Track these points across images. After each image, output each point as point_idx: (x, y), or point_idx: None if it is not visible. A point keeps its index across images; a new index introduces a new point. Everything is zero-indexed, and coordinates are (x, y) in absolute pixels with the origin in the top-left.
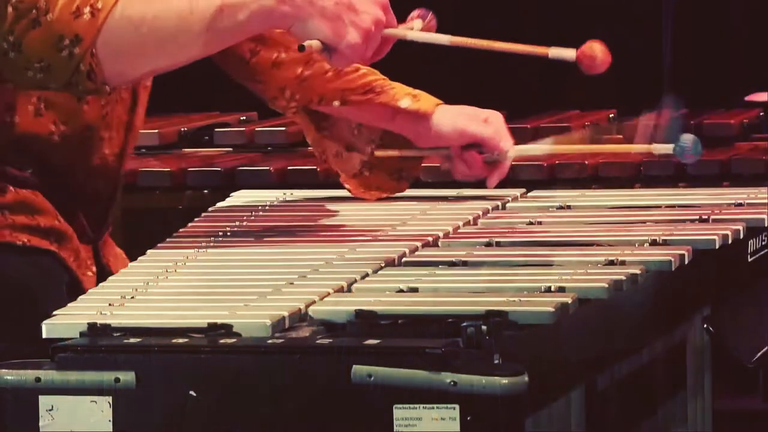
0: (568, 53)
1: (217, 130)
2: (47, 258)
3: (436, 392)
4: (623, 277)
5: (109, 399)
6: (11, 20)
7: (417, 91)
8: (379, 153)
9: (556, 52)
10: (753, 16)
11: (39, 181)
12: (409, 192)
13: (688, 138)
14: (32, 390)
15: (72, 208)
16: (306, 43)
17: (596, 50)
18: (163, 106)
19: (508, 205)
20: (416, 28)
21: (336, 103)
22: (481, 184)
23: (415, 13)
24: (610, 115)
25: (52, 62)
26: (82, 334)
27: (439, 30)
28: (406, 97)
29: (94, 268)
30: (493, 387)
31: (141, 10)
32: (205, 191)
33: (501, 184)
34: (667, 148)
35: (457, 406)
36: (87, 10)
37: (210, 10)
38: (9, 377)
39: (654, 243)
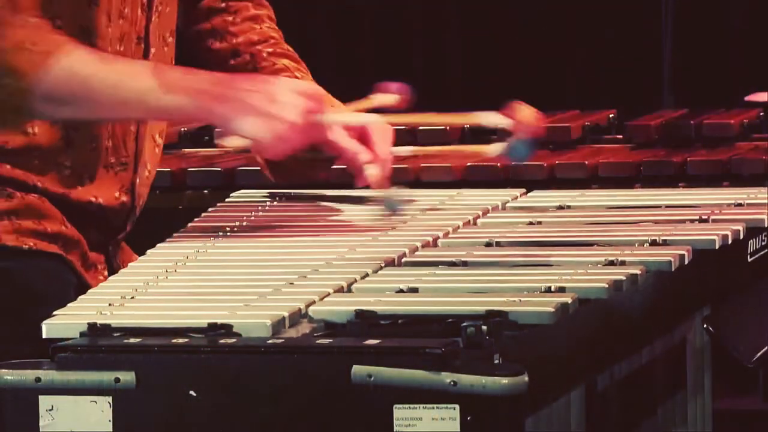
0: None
1: (217, 130)
2: (54, 262)
3: (436, 392)
4: (623, 277)
5: (109, 399)
6: None
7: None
8: (229, 145)
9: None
10: (753, 16)
11: (48, 188)
12: (409, 192)
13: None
14: (32, 390)
15: (80, 215)
16: (228, 143)
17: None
18: None
19: (508, 205)
20: (378, 102)
21: None
22: (481, 184)
23: (393, 86)
24: (610, 115)
25: None
26: (82, 334)
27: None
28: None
29: (106, 273)
30: (493, 387)
31: (84, 68)
32: (205, 191)
33: (501, 184)
34: (499, 147)
35: (457, 406)
36: (37, 48)
37: (149, 99)
38: (9, 377)
39: (654, 243)
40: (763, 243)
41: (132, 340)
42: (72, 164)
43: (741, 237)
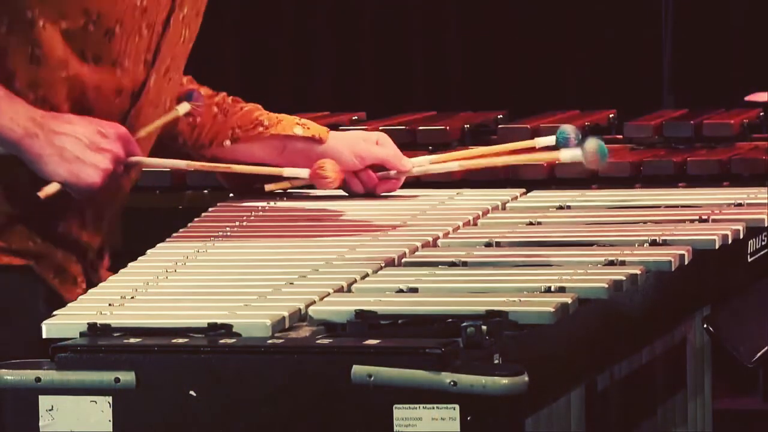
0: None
1: None
2: (22, 275)
3: (436, 392)
4: (623, 277)
5: (109, 399)
6: None
7: (304, 120)
8: (269, 187)
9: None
10: (753, 16)
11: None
12: (409, 192)
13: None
14: (32, 390)
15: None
16: (42, 192)
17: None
18: None
19: (508, 205)
20: (182, 111)
21: (227, 142)
22: (480, 184)
23: (183, 95)
24: (610, 115)
25: None
26: (82, 334)
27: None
28: (297, 126)
29: (84, 285)
30: (493, 387)
31: None
32: (205, 191)
33: (501, 184)
34: (549, 141)
35: (457, 406)
36: None
37: None
38: (9, 377)
39: (654, 243)
40: (763, 243)
41: (132, 340)
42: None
43: (741, 237)
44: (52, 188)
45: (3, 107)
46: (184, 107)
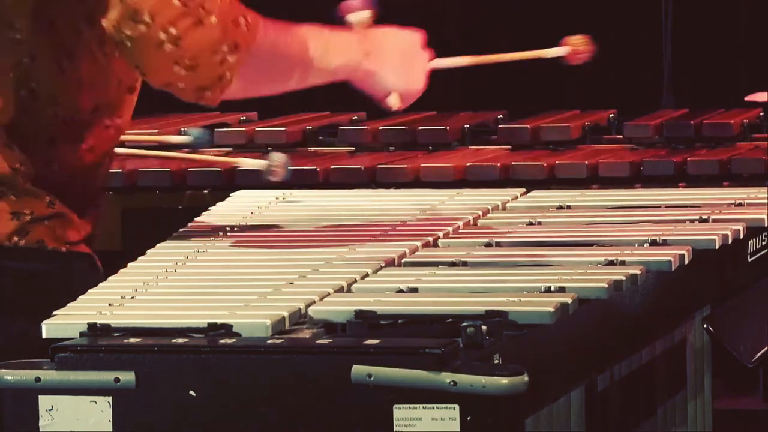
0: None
1: (217, 130)
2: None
3: (436, 392)
4: (623, 277)
5: (109, 399)
6: (177, 15)
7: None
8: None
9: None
10: (753, 16)
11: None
12: (409, 192)
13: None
14: (32, 390)
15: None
16: (392, 105)
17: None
18: (164, 107)
19: (508, 205)
20: (357, 20)
21: None
22: (481, 184)
23: (356, 3)
24: (610, 115)
25: (203, 62)
26: (82, 334)
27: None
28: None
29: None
30: (493, 387)
31: (276, 38)
32: (205, 191)
33: (501, 184)
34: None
35: (457, 406)
36: (243, 21)
37: (311, 57)
38: (9, 377)
39: (654, 243)
40: (763, 243)
41: (132, 340)
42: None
43: (741, 237)
44: (394, 99)
45: (334, 40)
46: (363, 15)
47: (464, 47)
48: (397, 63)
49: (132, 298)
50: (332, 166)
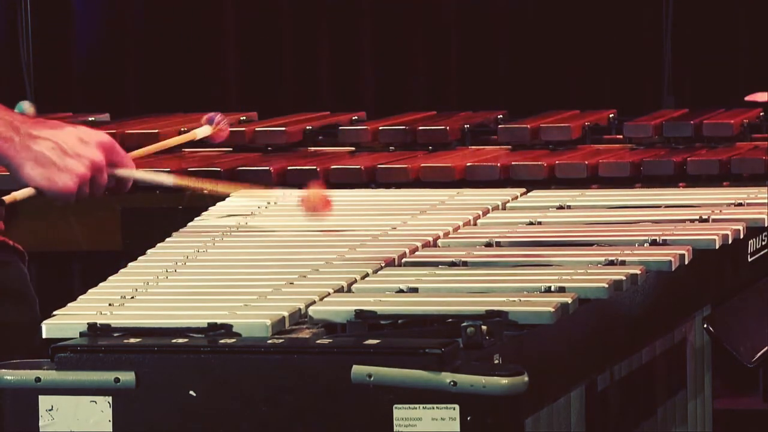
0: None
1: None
2: None
3: (436, 392)
4: (623, 277)
5: (109, 399)
6: None
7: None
8: (8, 199)
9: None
10: (753, 16)
11: None
12: (409, 192)
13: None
14: (32, 390)
15: None
16: (9, 197)
17: None
18: (163, 106)
19: (508, 205)
20: (200, 134)
21: None
22: (481, 184)
23: (204, 117)
24: (610, 115)
25: None
26: (82, 334)
27: None
28: None
29: None
30: (493, 387)
31: None
32: (205, 191)
33: (501, 184)
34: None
35: (457, 406)
36: None
37: None
38: (9, 377)
39: (654, 243)
40: (763, 243)
41: (132, 340)
42: None
43: (741, 237)
44: (22, 193)
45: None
46: (204, 131)
47: (462, 47)
48: (41, 157)
49: (132, 298)
50: (332, 166)
